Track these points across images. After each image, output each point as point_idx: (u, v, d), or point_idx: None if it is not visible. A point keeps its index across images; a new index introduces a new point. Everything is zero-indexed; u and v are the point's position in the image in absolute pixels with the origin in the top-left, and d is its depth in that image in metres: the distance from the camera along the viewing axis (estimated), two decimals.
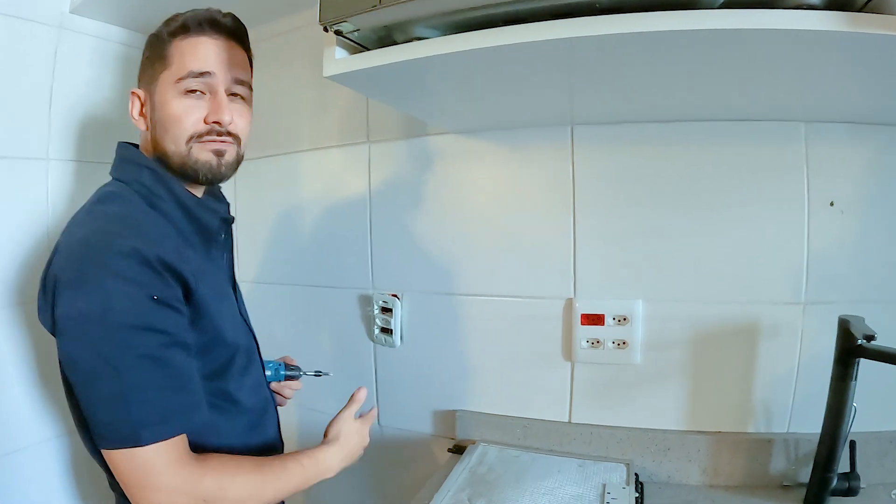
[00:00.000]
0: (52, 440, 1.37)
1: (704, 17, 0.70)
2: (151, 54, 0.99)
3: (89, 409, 0.84)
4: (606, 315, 1.28)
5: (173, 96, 0.96)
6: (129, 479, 0.83)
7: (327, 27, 0.85)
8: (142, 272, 0.85)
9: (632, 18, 0.71)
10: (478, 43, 0.78)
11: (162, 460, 0.83)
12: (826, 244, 1.18)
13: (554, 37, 0.73)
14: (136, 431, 0.81)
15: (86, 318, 0.82)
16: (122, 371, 0.82)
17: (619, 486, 1.13)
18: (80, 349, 0.84)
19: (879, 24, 0.68)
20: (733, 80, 0.95)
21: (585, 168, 1.29)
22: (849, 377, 1.04)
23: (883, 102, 1.05)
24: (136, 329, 0.83)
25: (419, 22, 0.83)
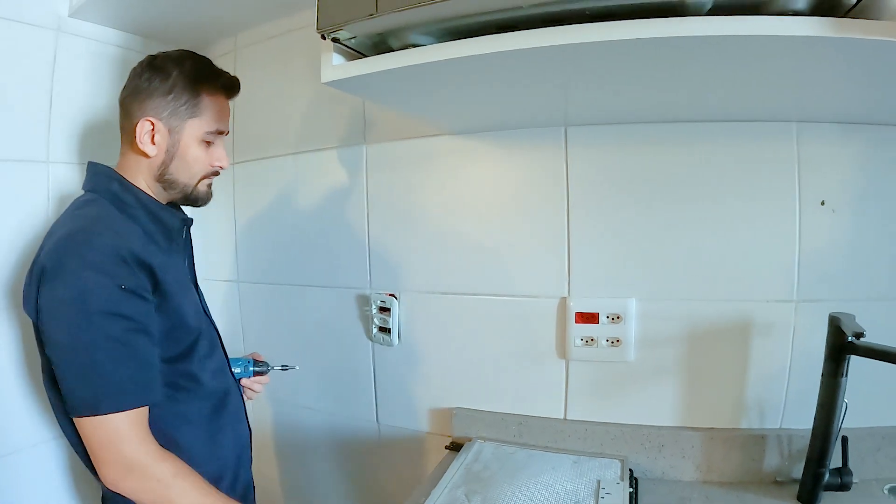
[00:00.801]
0: (50, 441, 1.38)
1: (692, 24, 0.71)
2: (177, 94, 1.11)
3: (64, 382, 0.98)
4: (600, 313, 1.29)
5: (197, 142, 1.15)
6: (95, 447, 0.98)
7: (325, 35, 0.87)
8: (115, 265, 0.99)
9: (621, 26, 0.73)
10: (471, 50, 0.80)
11: (124, 430, 0.97)
12: (817, 243, 1.19)
13: (545, 44, 0.75)
14: (98, 400, 0.96)
15: (65, 303, 0.96)
16: (92, 349, 0.96)
17: (614, 482, 1.15)
18: (59, 329, 0.98)
19: (863, 29, 0.70)
20: (723, 82, 0.96)
21: (579, 168, 1.30)
22: (840, 374, 1.05)
23: (872, 102, 1.06)
24: (106, 314, 0.97)
25: (414, 29, 0.85)
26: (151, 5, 1.47)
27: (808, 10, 0.74)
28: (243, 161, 1.76)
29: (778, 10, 0.74)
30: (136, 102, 1.11)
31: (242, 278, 1.79)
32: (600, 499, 1.09)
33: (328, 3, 0.84)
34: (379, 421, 1.59)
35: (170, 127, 1.11)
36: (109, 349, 0.97)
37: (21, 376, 1.33)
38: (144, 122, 1.09)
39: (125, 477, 0.98)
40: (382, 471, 1.62)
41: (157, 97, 1.10)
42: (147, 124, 1.10)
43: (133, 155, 1.13)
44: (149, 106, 1.10)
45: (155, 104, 1.10)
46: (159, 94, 1.10)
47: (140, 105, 1.10)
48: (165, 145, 1.12)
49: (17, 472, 1.32)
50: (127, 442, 0.97)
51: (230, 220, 1.79)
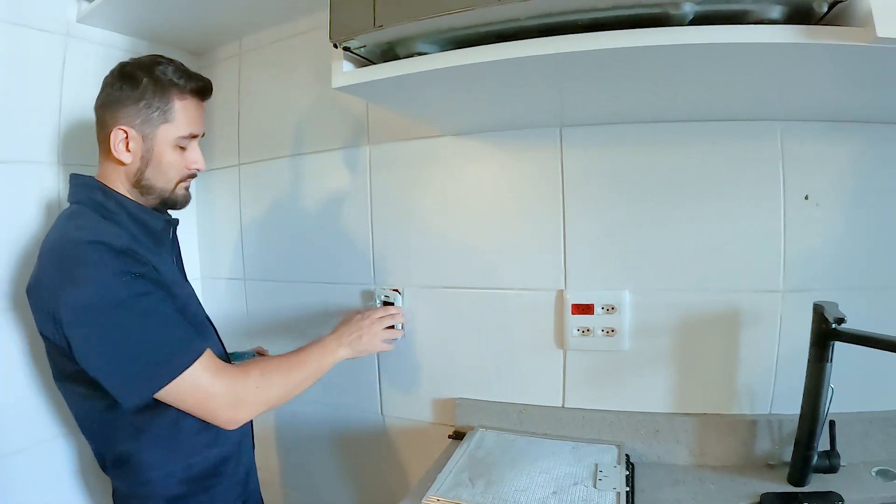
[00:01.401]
0: (50, 441, 1.39)
1: (676, 34, 0.77)
2: (149, 101, 1.11)
3: (116, 374, 1.00)
4: (595, 305, 1.32)
5: (171, 147, 1.15)
6: (195, 404, 1.05)
7: (336, 43, 0.92)
8: (120, 259, 1.02)
9: (609, 36, 0.78)
10: (472, 58, 0.85)
11: (204, 375, 1.04)
12: (802, 235, 1.22)
13: (541, 52, 0.80)
14: (176, 362, 1.01)
15: (89, 307, 0.98)
16: (136, 331, 1.00)
17: (611, 466, 1.18)
18: (94, 332, 0.99)
19: (833, 35, 0.74)
20: (708, 85, 1.01)
21: (574, 167, 1.33)
22: (825, 359, 1.08)
23: (851, 101, 1.10)
24: (133, 297, 1.01)
25: (419, 39, 0.90)
26: (158, 11, 1.49)
27: (783, 19, 0.79)
28: (249, 162, 1.78)
29: (755, 19, 0.79)
30: (109, 111, 1.12)
31: (249, 276, 1.81)
32: (598, 481, 1.13)
33: (340, 14, 0.89)
34: (383, 412, 1.62)
35: (143, 134, 1.12)
36: (152, 324, 1.02)
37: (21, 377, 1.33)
38: (118, 130, 1.10)
39: (236, 410, 1.08)
40: (388, 461, 1.64)
41: (128, 105, 1.10)
42: (120, 133, 1.10)
43: (110, 163, 1.14)
44: (121, 114, 1.11)
45: (127, 112, 1.10)
46: (130, 101, 1.10)
47: (112, 114, 1.11)
48: (140, 152, 1.12)
49: (17, 473, 1.32)
50: (211, 388, 1.04)
51: (236, 219, 1.81)
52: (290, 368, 1.16)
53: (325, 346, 1.25)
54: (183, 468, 1.12)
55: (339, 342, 1.27)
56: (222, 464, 1.19)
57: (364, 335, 1.31)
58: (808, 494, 1.11)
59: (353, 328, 1.31)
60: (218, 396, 1.05)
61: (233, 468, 1.22)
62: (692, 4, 0.77)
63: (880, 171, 1.20)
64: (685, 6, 0.77)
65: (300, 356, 1.20)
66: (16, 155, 1.34)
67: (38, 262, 1.07)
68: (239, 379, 1.08)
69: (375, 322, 1.34)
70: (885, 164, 1.20)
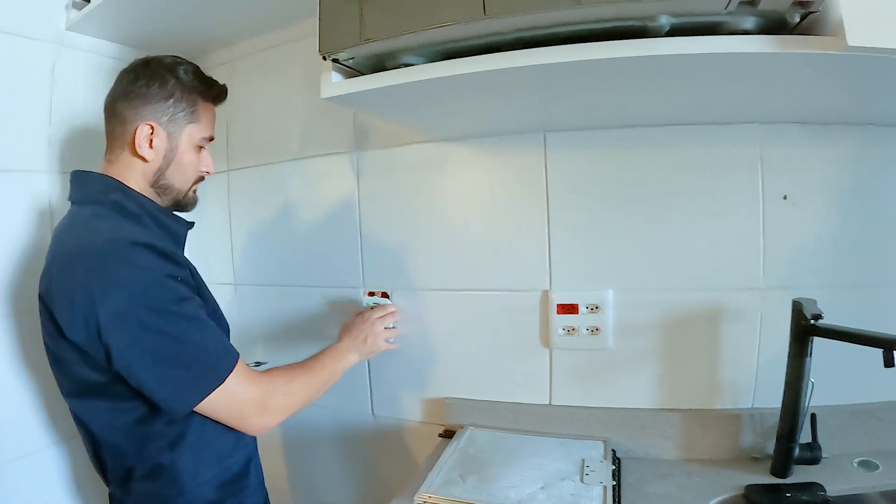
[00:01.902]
0: (50, 447, 1.39)
1: (651, 45, 0.80)
2: (176, 100, 1.13)
3: (164, 381, 0.98)
4: (580, 304, 1.34)
5: (192, 148, 1.17)
6: (229, 413, 1.05)
7: (325, 56, 0.94)
8: (157, 260, 1.00)
9: (588, 48, 0.81)
10: (457, 70, 0.88)
11: (240, 385, 1.04)
12: (781, 234, 1.24)
13: (521, 64, 0.84)
14: (216, 369, 1.02)
15: (133, 311, 0.96)
16: (184, 335, 0.99)
17: (598, 461, 1.21)
18: (139, 335, 0.96)
19: (806, 44, 0.77)
20: (687, 93, 1.04)
21: (558, 170, 1.35)
22: (804, 354, 1.11)
23: (827, 105, 1.13)
24: (176, 301, 1.00)
25: (406, 51, 0.92)
26: (148, 19, 1.49)
27: (757, 30, 0.81)
28: (239, 168, 1.79)
29: (729, 30, 0.81)
30: (131, 107, 1.10)
31: (239, 281, 1.81)
32: (585, 475, 1.15)
33: (329, 27, 0.92)
34: (374, 413, 1.64)
35: (168, 132, 1.12)
36: (195, 329, 1.01)
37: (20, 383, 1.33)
38: (144, 126, 1.09)
39: (266, 417, 1.09)
40: (379, 460, 1.66)
41: (155, 102, 1.10)
42: (146, 128, 1.10)
43: (127, 159, 1.12)
44: (147, 111, 1.10)
45: (154, 109, 1.10)
46: (158, 99, 1.11)
47: (136, 110, 1.10)
48: (164, 150, 1.12)
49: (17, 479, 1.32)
50: (244, 395, 1.05)
51: (226, 225, 1.81)
52: (311, 375, 1.19)
53: (337, 352, 1.29)
54: (216, 474, 1.11)
55: (349, 347, 1.31)
56: (247, 465, 1.19)
57: (368, 337, 1.35)
58: (790, 485, 1.13)
59: (357, 331, 1.35)
60: (250, 404, 1.06)
61: (255, 469, 1.22)
62: (668, 17, 0.79)
63: (857, 172, 1.23)
64: (661, 19, 0.79)
65: (318, 363, 1.23)
66: (5, 163, 1.34)
67: (57, 265, 1.02)
68: (269, 385, 1.09)
69: (375, 322, 1.38)
70: (862, 164, 1.23)
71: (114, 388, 1.00)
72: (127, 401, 1.01)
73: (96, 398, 1.04)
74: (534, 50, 0.82)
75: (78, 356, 1.00)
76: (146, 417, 1.03)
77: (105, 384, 1.01)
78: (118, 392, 1.00)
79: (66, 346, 1.00)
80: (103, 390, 1.02)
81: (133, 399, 1.01)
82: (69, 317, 0.97)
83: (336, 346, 1.30)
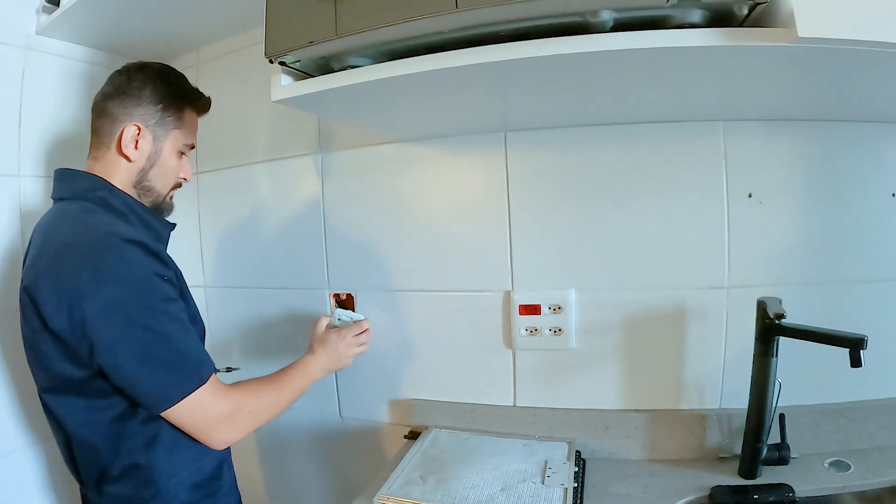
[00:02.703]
0: (26, 448, 1.39)
1: (596, 41, 0.79)
2: (166, 105, 1.16)
3: (148, 378, 0.99)
4: (542, 305, 1.34)
5: (175, 152, 1.20)
6: (193, 424, 1.04)
7: (272, 59, 0.94)
8: (147, 258, 1.02)
9: (531, 45, 0.80)
10: (401, 70, 0.87)
11: (209, 396, 1.03)
12: (746, 232, 1.24)
13: (464, 63, 0.83)
14: (197, 373, 1.02)
15: (122, 304, 0.97)
16: (170, 333, 1.00)
17: (560, 462, 1.21)
18: (127, 329, 0.97)
19: (756, 36, 0.76)
20: (639, 89, 1.03)
21: (519, 170, 1.36)
22: (769, 354, 1.11)
23: (787, 100, 1.13)
24: (164, 300, 1.01)
25: (351, 53, 0.92)
26: (117, 22, 1.49)
27: (704, 23, 0.81)
28: (207, 171, 1.79)
29: (676, 23, 0.81)
30: (121, 107, 1.13)
31: (208, 283, 1.81)
32: (546, 477, 1.15)
33: (274, 31, 0.92)
34: (342, 414, 1.64)
35: (155, 135, 1.15)
36: (178, 330, 1.02)
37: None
38: (132, 126, 1.12)
39: (229, 432, 1.08)
40: (347, 461, 1.66)
41: (146, 105, 1.14)
42: (134, 129, 1.12)
43: (112, 158, 1.14)
44: (137, 112, 1.13)
45: (144, 111, 1.13)
46: (149, 102, 1.14)
47: (126, 110, 1.13)
48: (148, 152, 1.15)
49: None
50: (213, 406, 1.04)
51: (195, 227, 1.81)
52: (279, 392, 1.19)
53: (306, 368, 1.28)
54: (190, 474, 1.11)
55: (319, 364, 1.31)
56: (221, 466, 1.19)
57: (340, 357, 1.35)
58: (758, 487, 1.13)
59: (331, 349, 1.34)
60: (217, 418, 1.05)
61: (228, 470, 1.22)
62: (610, 12, 0.79)
63: (821, 168, 1.23)
64: (603, 14, 0.79)
65: (287, 379, 1.23)
66: None
67: (45, 256, 1.02)
68: (237, 401, 1.09)
69: (352, 345, 1.39)
70: (826, 160, 1.23)
71: (92, 384, 1.00)
72: (104, 398, 1.02)
73: (73, 395, 1.03)
74: (476, 48, 0.82)
75: (57, 349, 1.00)
76: (122, 415, 1.03)
77: (83, 380, 1.01)
78: (96, 388, 1.01)
79: (47, 338, 1.00)
80: (81, 386, 1.02)
81: (110, 396, 1.01)
82: (54, 306, 0.97)
83: (304, 362, 1.30)
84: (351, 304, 1.56)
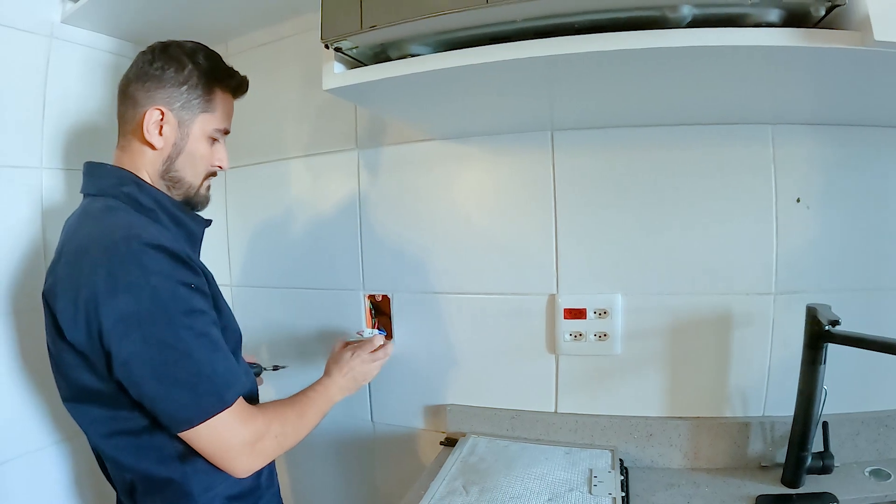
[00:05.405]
0: (49, 447, 1.37)
1: (673, 36, 0.76)
2: (191, 86, 1.07)
3: (166, 398, 0.91)
4: (588, 309, 1.32)
5: (205, 138, 1.10)
6: (213, 449, 0.95)
7: (328, 44, 0.90)
8: (171, 265, 0.93)
9: (607, 38, 0.77)
10: (466, 60, 0.83)
11: (232, 421, 0.95)
12: (794, 238, 1.23)
13: (536, 54, 0.79)
14: (221, 395, 0.93)
15: (139, 317, 0.89)
16: (192, 351, 0.92)
17: (605, 471, 1.18)
18: (144, 345, 0.89)
19: (832, 38, 0.74)
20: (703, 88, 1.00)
21: (565, 170, 1.33)
22: (818, 361, 1.09)
23: (843, 104, 1.11)
24: (187, 313, 0.93)
25: (412, 40, 0.88)
26: (143, 12, 1.47)
27: (781, 22, 0.78)
28: (235, 167, 1.74)
29: (753, 22, 0.78)
30: (143, 90, 1.04)
31: (235, 282, 1.79)
32: (593, 486, 1.13)
33: (331, 14, 0.87)
34: (374, 420, 1.61)
35: (180, 119, 1.06)
36: (202, 346, 0.94)
37: (16, 382, 1.31)
38: (154, 110, 1.03)
39: (253, 460, 0.99)
40: (379, 468, 1.63)
41: (169, 87, 1.05)
42: (157, 113, 1.04)
43: (137, 147, 1.06)
44: (159, 95, 1.04)
45: (167, 93, 1.05)
46: (172, 84, 1.05)
47: (148, 93, 1.04)
48: (174, 138, 1.06)
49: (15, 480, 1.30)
50: (236, 432, 0.96)
51: (222, 225, 1.78)
52: (302, 418, 1.10)
53: (325, 392, 1.20)
54: (228, 486, 1.04)
55: (336, 386, 1.23)
56: (259, 476, 1.12)
57: (357, 376, 1.28)
58: (802, 496, 1.12)
59: (346, 369, 1.27)
60: (240, 445, 0.97)
61: (267, 480, 1.16)
62: (690, 7, 0.76)
63: (871, 174, 1.22)
64: (683, 9, 0.76)
65: (308, 404, 1.14)
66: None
67: (64, 262, 0.96)
68: (262, 428, 1.00)
69: (366, 360, 1.30)
70: (876, 166, 1.22)
71: (114, 396, 0.94)
72: (127, 410, 0.95)
73: (95, 405, 0.97)
74: (548, 40, 0.79)
75: (77, 360, 0.94)
76: (148, 429, 0.96)
77: (105, 392, 0.95)
78: (118, 401, 0.94)
79: (66, 349, 0.94)
80: (103, 398, 0.96)
81: (133, 409, 0.95)
82: (71, 317, 0.91)
83: (322, 385, 1.22)
84: (387, 306, 1.53)
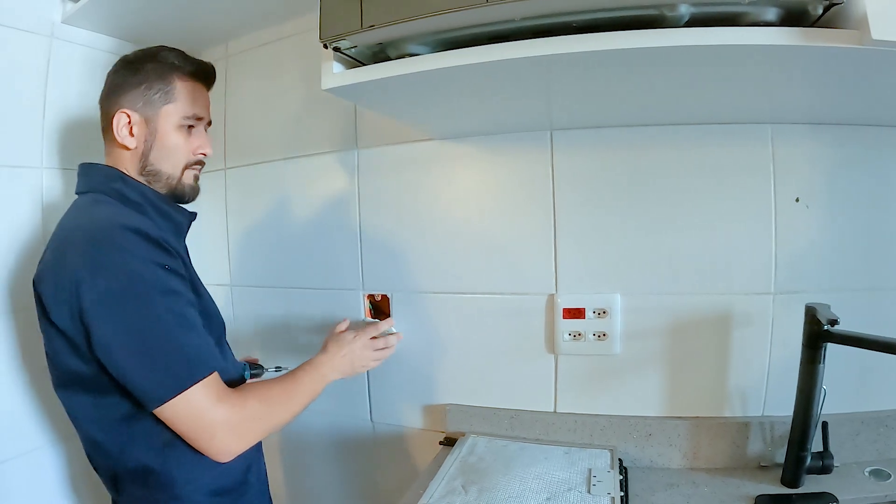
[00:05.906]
0: (46, 447, 1.37)
1: (671, 35, 0.76)
2: (150, 83, 1.11)
3: (135, 373, 0.94)
4: (587, 309, 1.31)
5: (175, 128, 1.13)
6: (187, 426, 0.97)
7: (327, 44, 0.90)
8: (148, 247, 0.98)
9: (605, 37, 0.77)
10: (464, 60, 0.84)
11: (208, 398, 0.97)
12: (793, 237, 1.23)
13: (534, 54, 0.80)
14: (193, 369, 0.95)
15: (118, 294, 0.93)
16: (168, 329, 0.95)
17: (605, 471, 1.18)
18: (120, 323, 0.93)
19: (829, 37, 0.74)
20: (701, 88, 1.01)
21: (564, 170, 1.33)
22: (817, 361, 1.09)
23: (842, 104, 1.11)
24: (163, 292, 0.96)
25: (411, 40, 0.89)
26: (143, 12, 1.47)
27: (779, 21, 0.79)
28: (235, 166, 1.76)
29: (751, 21, 0.79)
30: (111, 98, 1.11)
31: (235, 282, 1.79)
32: (592, 486, 1.12)
33: (330, 14, 0.87)
34: (373, 419, 1.61)
35: (145, 116, 1.11)
36: (177, 323, 0.97)
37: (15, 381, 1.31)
38: (120, 114, 1.09)
39: (231, 441, 0.99)
40: (378, 468, 1.63)
41: (129, 89, 1.10)
42: (123, 116, 1.09)
43: (116, 151, 1.12)
44: (123, 99, 1.10)
45: (128, 96, 1.10)
46: (131, 86, 1.10)
47: (115, 100, 1.10)
48: (143, 135, 1.11)
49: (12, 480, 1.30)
50: (212, 409, 0.97)
51: (222, 224, 1.79)
52: (288, 396, 1.11)
53: (318, 370, 1.21)
54: (212, 479, 1.06)
55: (332, 365, 1.24)
56: (247, 472, 1.14)
57: (356, 359, 1.29)
58: (802, 496, 1.12)
59: (345, 349, 1.28)
60: (217, 423, 0.97)
61: (255, 476, 1.18)
62: (688, 6, 0.76)
63: (870, 174, 1.22)
64: (681, 7, 0.76)
65: (295, 383, 1.15)
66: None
67: (51, 250, 1.02)
68: (238, 407, 1.00)
69: (367, 346, 1.32)
70: (875, 165, 1.22)
71: (97, 380, 0.97)
72: (110, 395, 0.98)
73: (81, 391, 1.01)
74: (547, 39, 0.79)
75: (64, 343, 0.98)
76: (131, 414, 0.99)
77: (89, 376, 0.98)
78: (102, 385, 0.97)
79: (55, 334, 0.98)
80: (87, 382, 0.99)
81: (116, 393, 0.97)
82: (54, 300, 0.96)
83: (316, 363, 1.23)
84: (386, 305, 1.53)
